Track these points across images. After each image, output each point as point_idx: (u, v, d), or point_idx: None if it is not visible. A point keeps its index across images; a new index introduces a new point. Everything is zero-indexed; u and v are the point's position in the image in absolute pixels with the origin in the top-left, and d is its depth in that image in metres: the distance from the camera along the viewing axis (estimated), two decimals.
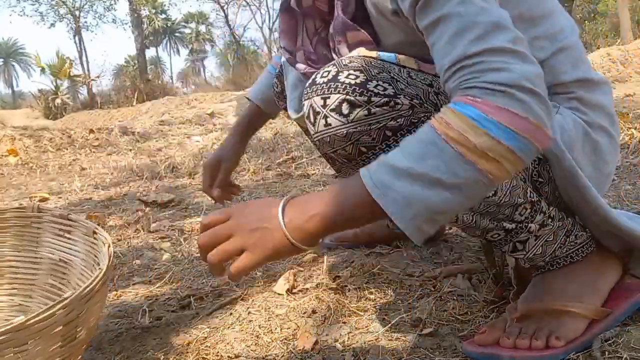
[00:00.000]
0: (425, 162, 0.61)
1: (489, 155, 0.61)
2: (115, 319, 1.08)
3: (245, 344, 0.93)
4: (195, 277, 1.30)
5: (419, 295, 1.05)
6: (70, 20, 27.19)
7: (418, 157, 0.62)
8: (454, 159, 0.61)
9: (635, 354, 0.76)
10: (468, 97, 0.63)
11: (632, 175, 1.92)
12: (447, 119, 0.62)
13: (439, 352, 0.84)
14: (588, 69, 0.88)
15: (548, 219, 0.82)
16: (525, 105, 0.61)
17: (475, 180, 0.61)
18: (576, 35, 0.89)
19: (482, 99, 0.62)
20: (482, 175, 0.61)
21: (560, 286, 0.85)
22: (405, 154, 0.63)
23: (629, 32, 14.07)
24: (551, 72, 0.82)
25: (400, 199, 0.61)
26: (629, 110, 3.66)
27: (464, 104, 0.63)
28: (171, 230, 1.76)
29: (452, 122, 0.62)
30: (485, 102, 0.62)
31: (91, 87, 18.88)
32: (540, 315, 0.83)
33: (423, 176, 0.61)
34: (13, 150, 4.02)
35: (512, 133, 0.61)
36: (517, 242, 0.84)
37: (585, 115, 0.84)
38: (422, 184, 0.61)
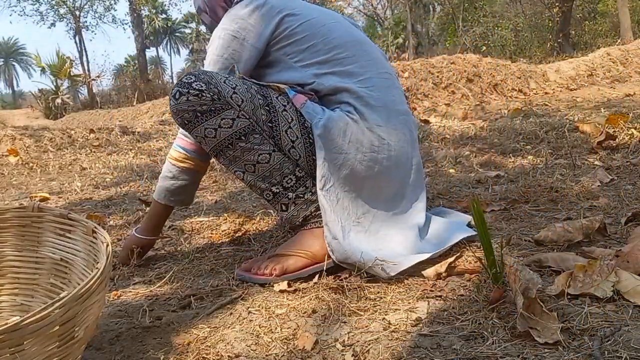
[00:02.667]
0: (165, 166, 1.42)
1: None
2: (115, 318, 1.08)
3: (246, 343, 0.93)
4: (195, 277, 1.30)
5: (419, 295, 1.05)
6: (70, 20, 27.19)
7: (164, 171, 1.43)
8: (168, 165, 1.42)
9: (635, 353, 0.76)
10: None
11: (632, 175, 1.92)
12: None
13: (439, 352, 0.84)
14: (363, 85, 1.29)
15: (307, 193, 1.24)
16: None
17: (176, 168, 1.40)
18: (359, 62, 1.32)
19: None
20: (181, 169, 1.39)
21: (302, 239, 1.24)
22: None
23: (629, 32, 14.07)
24: (330, 82, 1.29)
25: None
26: (629, 110, 3.66)
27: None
28: (171, 230, 1.76)
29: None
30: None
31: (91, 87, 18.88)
32: (278, 256, 1.22)
33: (161, 176, 1.41)
34: (13, 150, 4.02)
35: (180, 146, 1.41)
36: (282, 204, 1.24)
37: (354, 115, 1.25)
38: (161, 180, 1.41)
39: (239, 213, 1.87)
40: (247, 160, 1.21)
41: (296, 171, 1.23)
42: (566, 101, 5.46)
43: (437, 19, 27.83)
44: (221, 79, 1.21)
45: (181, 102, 1.17)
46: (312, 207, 1.24)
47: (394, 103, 1.31)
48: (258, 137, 1.21)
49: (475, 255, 1.13)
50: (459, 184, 2.05)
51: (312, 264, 1.20)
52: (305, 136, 1.24)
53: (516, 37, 18.68)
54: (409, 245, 1.23)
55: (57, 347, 0.71)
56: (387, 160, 1.25)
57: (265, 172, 1.22)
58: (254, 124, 1.21)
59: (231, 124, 1.19)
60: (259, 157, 1.21)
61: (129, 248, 1.42)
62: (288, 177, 1.23)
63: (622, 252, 1.04)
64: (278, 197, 1.24)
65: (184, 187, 1.41)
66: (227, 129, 1.19)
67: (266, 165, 1.21)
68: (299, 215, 1.25)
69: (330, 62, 1.29)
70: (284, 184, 1.23)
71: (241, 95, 1.21)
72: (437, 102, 5.90)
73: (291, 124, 1.24)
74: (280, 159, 1.22)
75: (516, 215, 1.55)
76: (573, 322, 0.87)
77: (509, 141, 2.95)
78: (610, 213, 1.48)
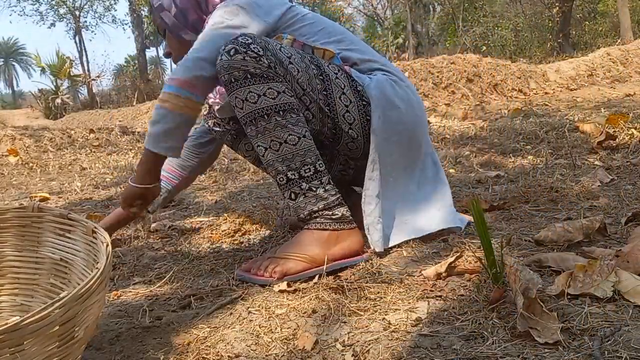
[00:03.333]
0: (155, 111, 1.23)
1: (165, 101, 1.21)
2: (115, 318, 1.08)
3: (246, 343, 0.93)
4: (195, 277, 1.30)
5: (419, 296, 1.05)
6: (70, 20, 27.18)
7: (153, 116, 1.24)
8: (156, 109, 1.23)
9: (635, 353, 0.76)
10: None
11: (632, 175, 1.92)
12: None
13: (439, 352, 0.84)
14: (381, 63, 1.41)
15: (320, 188, 1.23)
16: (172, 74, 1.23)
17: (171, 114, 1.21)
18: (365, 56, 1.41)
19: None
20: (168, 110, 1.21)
21: (302, 241, 1.23)
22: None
23: (629, 32, 14.07)
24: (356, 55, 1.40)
25: (148, 138, 1.25)
26: (629, 110, 3.66)
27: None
28: (171, 230, 1.76)
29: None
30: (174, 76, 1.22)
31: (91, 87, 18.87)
32: (277, 258, 1.21)
33: (152, 121, 1.23)
34: (13, 150, 4.02)
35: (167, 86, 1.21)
36: (292, 192, 1.23)
37: (392, 77, 1.38)
38: (151, 125, 1.23)
39: (239, 213, 1.87)
40: (275, 136, 1.19)
41: (317, 164, 1.23)
42: (566, 101, 5.46)
43: (437, 19, 27.83)
44: (276, 46, 1.22)
45: (236, 59, 1.16)
46: (321, 204, 1.23)
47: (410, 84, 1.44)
48: (295, 117, 1.20)
49: (475, 255, 1.13)
50: (459, 184, 2.05)
51: (313, 267, 1.20)
52: (359, 99, 1.32)
53: (516, 37, 18.68)
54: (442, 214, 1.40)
55: (57, 347, 0.71)
56: (420, 116, 1.41)
57: (288, 153, 1.20)
58: (295, 102, 1.21)
59: (275, 95, 1.18)
60: (289, 136, 1.20)
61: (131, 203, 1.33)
62: (307, 167, 1.21)
63: (622, 252, 1.04)
64: (291, 183, 1.22)
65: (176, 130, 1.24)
66: (270, 99, 1.18)
67: (292, 147, 1.20)
68: (306, 208, 1.23)
69: (345, 42, 1.39)
70: (302, 172, 1.21)
71: (297, 65, 1.24)
72: (437, 102, 5.90)
73: (344, 89, 1.30)
74: (307, 146, 1.21)
75: (516, 215, 1.55)
76: (573, 322, 0.87)
77: (509, 141, 2.95)
78: (611, 213, 1.48)
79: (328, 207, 1.24)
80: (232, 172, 2.96)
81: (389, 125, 1.31)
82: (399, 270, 1.20)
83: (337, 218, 1.24)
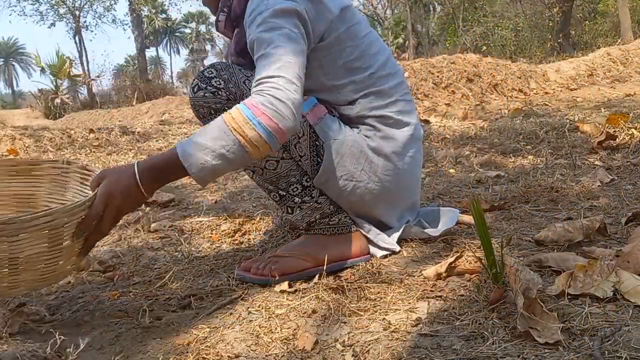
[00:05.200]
0: (216, 142, 0.99)
1: (253, 143, 0.99)
2: (115, 318, 1.08)
3: (245, 343, 0.93)
4: (195, 277, 1.30)
5: (419, 296, 1.05)
6: (70, 20, 27.18)
7: (212, 138, 0.99)
8: (235, 144, 0.99)
9: (635, 353, 0.76)
10: (251, 102, 1.00)
11: (632, 175, 1.92)
12: (233, 114, 1.00)
13: (439, 352, 0.84)
14: (392, 109, 1.26)
15: (312, 201, 1.23)
16: (279, 116, 0.99)
17: (242, 156, 1.00)
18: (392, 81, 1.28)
19: (257, 105, 0.99)
20: (247, 154, 1.00)
21: (304, 242, 1.25)
22: (204, 134, 1.00)
23: (629, 32, 14.06)
24: (359, 108, 1.25)
25: (196, 164, 0.99)
26: (629, 110, 3.66)
27: (245, 106, 1.00)
28: (171, 230, 1.75)
29: (236, 117, 1.00)
30: (258, 107, 0.99)
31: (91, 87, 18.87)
32: (278, 257, 1.22)
33: (214, 151, 0.99)
34: (13, 150, 4.02)
35: (267, 131, 0.99)
36: (288, 206, 1.24)
37: (373, 142, 1.24)
38: (212, 156, 0.99)
39: (239, 213, 1.87)
40: (254, 164, 1.20)
41: (303, 180, 1.23)
42: (566, 101, 5.46)
43: (437, 19, 27.81)
44: (241, 78, 1.18)
45: (198, 96, 1.18)
46: (317, 213, 1.24)
47: (415, 127, 1.31)
48: None
49: (476, 255, 1.13)
50: (459, 184, 2.05)
51: (313, 267, 1.20)
52: (314, 153, 1.21)
53: (516, 37, 18.66)
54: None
55: (47, 247, 0.93)
56: (397, 186, 1.28)
57: (272, 177, 1.22)
58: None
59: None
60: (266, 163, 1.20)
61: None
62: (294, 186, 1.22)
63: (622, 252, 1.04)
64: (284, 199, 1.24)
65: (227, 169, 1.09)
66: None
67: (273, 172, 1.21)
68: (303, 220, 1.25)
69: (365, 83, 1.24)
70: (290, 191, 1.23)
71: None
72: (437, 102, 5.90)
73: (301, 139, 1.20)
74: (287, 167, 1.21)
75: (516, 215, 1.55)
76: (573, 322, 0.87)
77: (509, 141, 2.94)
78: (611, 213, 1.48)
79: (325, 216, 1.25)
80: (232, 172, 2.95)
81: (337, 194, 1.24)
82: (399, 270, 1.20)
83: (335, 224, 1.26)
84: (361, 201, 1.26)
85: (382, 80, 1.26)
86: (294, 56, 1.06)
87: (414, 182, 1.35)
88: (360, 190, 1.24)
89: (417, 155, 1.33)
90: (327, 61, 1.23)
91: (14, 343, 1.00)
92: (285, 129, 1.00)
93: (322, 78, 1.24)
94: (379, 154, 1.24)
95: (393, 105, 1.26)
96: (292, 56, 1.05)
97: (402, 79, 1.32)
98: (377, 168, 1.24)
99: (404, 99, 1.30)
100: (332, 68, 1.23)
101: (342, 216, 1.27)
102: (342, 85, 1.24)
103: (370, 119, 1.25)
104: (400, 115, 1.27)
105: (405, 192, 1.33)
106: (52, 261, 0.96)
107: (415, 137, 1.30)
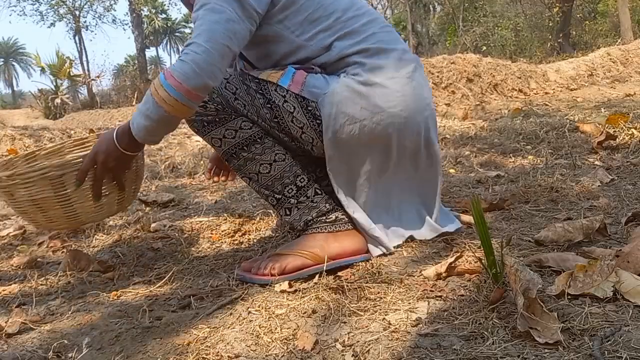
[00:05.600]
0: (144, 106, 1.16)
1: (165, 101, 1.13)
2: (115, 319, 1.08)
3: (245, 343, 0.93)
4: (195, 277, 1.30)
5: (419, 296, 1.05)
6: (70, 20, 27.17)
7: (143, 103, 1.17)
8: (154, 104, 1.14)
9: (635, 353, 0.76)
10: (167, 69, 1.16)
11: (632, 175, 1.92)
12: (154, 82, 1.17)
13: (439, 352, 0.84)
14: (370, 41, 1.26)
15: (307, 201, 1.26)
16: (181, 76, 1.12)
17: (162, 114, 1.14)
18: (362, 20, 1.29)
19: (168, 70, 1.14)
20: (165, 112, 1.14)
21: (302, 241, 1.26)
22: (142, 102, 1.18)
23: (629, 32, 14.06)
24: (337, 50, 1.26)
25: (135, 126, 1.18)
26: (629, 110, 3.66)
27: (162, 73, 1.16)
28: (171, 230, 1.76)
29: (155, 83, 1.16)
30: (168, 71, 1.14)
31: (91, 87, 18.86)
32: (277, 255, 1.23)
33: (143, 113, 1.16)
34: (13, 150, 4.02)
35: (172, 88, 1.12)
36: (285, 208, 1.28)
37: (361, 77, 1.23)
38: (142, 117, 1.16)
39: (239, 213, 1.87)
40: (249, 170, 1.27)
41: (297, 181, 1.26)
42: (566, 101, 5.46)
43: (437, 19, 27.81)
44: (222, 85, 1.24)
45: None
46: (314, 212, 1.26)
47: (403, 52, 1.30)
48: (259, 146, 1.25)
49: (476, 256, 1.13)
50: (459, 184, 2.05)
51: (312, 265, 1.20)
52: (311, 119, 1.24)
53: (516, 37, 18.67)
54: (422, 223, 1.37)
55: (54, 193, 1.22)
56: (405, 110, 1.23)
57: (266, 181, 1.26)
58: (255, 134, 1.25)
59: (234, 134, 1.25)
60: (260, 167, 1.25)
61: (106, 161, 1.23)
62: (289, 187, 1.26)
63: (622, 252, 1.04)
64: (281, 202, 1.27)
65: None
66: (231, 140, 1.26)
67: (267, 176, 1.26)
68: (301, 219, 1.26)
69: (333, 28, 1.26)
70: (285, 193, 1.26)
71: (242, 100, 1.25)
72: (437, 102, 5.90)
73: (294, 112, 1.24)
74: (280, 169, 1.25)
75: (516, 215, 1.55)
76: (573, 322, 0.87)
77: (509, 141, 2.95)
78: (611, 213, 1.48)
79: (322, 214, 1.26)
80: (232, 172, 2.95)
81: (346, 142, 1.23)
82: (399, 270, 1.20)
83: (332, 221, 1.26)
84: (375, 136, 1.22)
85: (351, 22, 1.27)
86: (212, 24, 1.15)
87: (422, 103, 1.27)
88: (368, 127, 1.21)
89: (417, 76, 1.28)
90: (289, 21, 1.27)
91: (14, 343, 1.00)
92: (189, 86, 1.12)
93: (292, 37, 1.27)
94: (371, 84, 1.22)
95: (371, 37, 1.27)
96: (209, 25, 1.15)
97: (374, 16, 1.32)
98: (375, 99, 1.21)
99: (382, 30, 1.30)
100: (296, 26, 1.27)
101: (339, 214, 1.27)
102: (312, 36, 1.27)
103: (352, 57, 1.25)
104: (382, 44, 1.27)
105: (416, 116, 1.25)
106: (65, 203, 1.24)
107: (405, 59, 1.28)
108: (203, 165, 3.10)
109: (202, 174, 2.86)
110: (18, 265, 1.51)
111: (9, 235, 1.86)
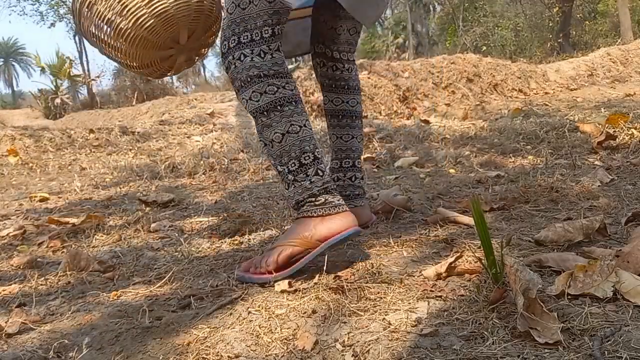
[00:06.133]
0: None
1: None
2: (115, 319, 1.08)
3: (245, 344, 0.93)
4: (195, 277, 1.30)
5: (419, 296, 1.05)
6: (70, 20, 27.15)
7: None
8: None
9: (635, 353, 0.76)
10: None
11: (632, 175, 1.92)
12: None
13: (439, 352, 0.84)
14: None
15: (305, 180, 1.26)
16: None
17: None
18: None
19: None
20: None
21: (290, 230, 1.27)
22: None
23: (629, 32, 14.06)
24: None
25: None
26: (629, 110, 3.66)
27: None
28: (171, 230, 1.76)
29: None
30: None
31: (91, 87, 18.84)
32: (270, 250, 1.24)
33: None
34: (13, 150, 4.02)
35: None
36: (286, 182, 1.29)
37: None
38: None
39: (239, 213, 1.87)
40: (265, 135, 1.29)
41: (302, 157, 1.27)
42: (566, 101, 5.46)
43: (437, 19, 27.81)
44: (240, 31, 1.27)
45: (234, 72, 1.28)
46: (305, 194, 1.26)
47: None
48: (278, 114, 1.27)
49: (476, 256, 1.13)
50: (459, 184, 2.05)
51: (301, 251, 1.21)
52: None
53: (516, 37, 18.67)
54: None
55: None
56: None
57: (277, 150, 1.28)
58: (277, 99, 1.27)
59: (259, 97, 1.27)
60: (274, 135, 1.27)
61: None
62: (292, 162, 1.27)
63: (622, 252, 1.04)
64: (282, 175, 1.30)
65: None
66: (255, 102, 1.28)
67: (278, 145, 1.27)
68: (294, 198, 1.28)
69: None
70: (289, 166, 1.28)
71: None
72: (437, 102, 5.90)
73: None
74: (291, 142, 1.26)
75: (516, 215, 1.55)
76: (573, 322, 0.87)
77: (509, 141, 2.95)
78: (611, 213, 1.48)
79: (312, 195, 1.26)
80: (232, 172, 2.95)
81: None
82: (399, 270, 1.20)
83: (321, 204, 1.25)
84: None
85: None
86: None
87: None
88: None
89: None
90: None
91: (14, 343, 1.00)
92: None
93: None
94: None
95: None
96: None
97: None
98: None
99: None
100: None
101: (329, 196, 1.26)
102: None
103: None
104: None
105: None
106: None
107: None
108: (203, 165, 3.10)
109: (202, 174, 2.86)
110: (18, 265, 1.51)
111: (9, 235, 1.86)
